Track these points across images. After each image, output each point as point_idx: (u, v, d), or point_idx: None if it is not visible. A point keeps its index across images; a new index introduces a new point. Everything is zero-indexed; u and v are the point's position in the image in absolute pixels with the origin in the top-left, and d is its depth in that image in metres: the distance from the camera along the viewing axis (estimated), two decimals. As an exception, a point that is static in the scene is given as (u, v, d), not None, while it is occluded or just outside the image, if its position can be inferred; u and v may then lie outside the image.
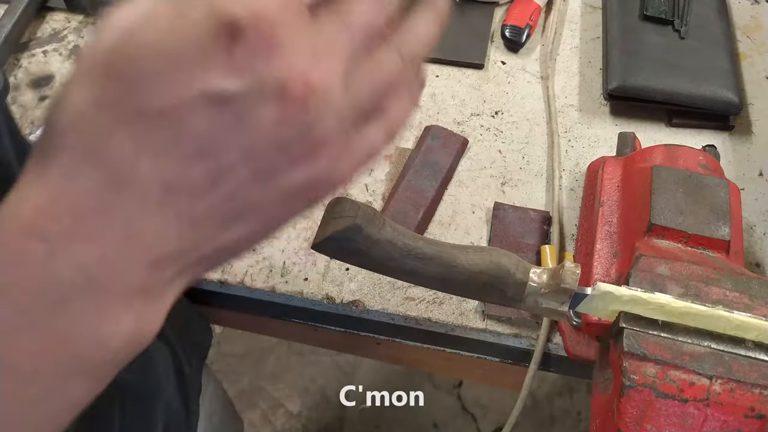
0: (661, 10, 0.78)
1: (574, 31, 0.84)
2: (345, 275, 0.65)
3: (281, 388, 1.60)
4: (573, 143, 0.74)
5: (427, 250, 0.45)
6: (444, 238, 0.67)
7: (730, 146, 0.73)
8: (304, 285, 0.64)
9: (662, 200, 0.55)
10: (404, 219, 0.66)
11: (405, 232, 0.46)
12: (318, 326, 0.67)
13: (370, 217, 0.45)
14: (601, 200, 0.60)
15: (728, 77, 0.73)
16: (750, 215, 0.67)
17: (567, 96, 0.78)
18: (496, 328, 0.61)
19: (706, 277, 0.48)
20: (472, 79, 0.80)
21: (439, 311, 0.62)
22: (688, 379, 0.44)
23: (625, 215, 0.58)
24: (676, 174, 0.56)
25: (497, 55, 0.82)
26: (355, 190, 0.70)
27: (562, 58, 0.81)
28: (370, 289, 0.64)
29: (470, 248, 0.46)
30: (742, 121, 0.75)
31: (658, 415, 0.43)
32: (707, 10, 0.80)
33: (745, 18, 0.84)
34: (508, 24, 0.81)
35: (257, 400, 1.59)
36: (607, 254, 0.57)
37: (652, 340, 0.45)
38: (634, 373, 0.44)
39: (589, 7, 0.86)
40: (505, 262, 0.45)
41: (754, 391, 0.43)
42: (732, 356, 0.44)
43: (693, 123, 0.74)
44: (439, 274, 0.46)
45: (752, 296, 0.47)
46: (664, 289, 0.47)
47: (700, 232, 0.53)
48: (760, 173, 0.71)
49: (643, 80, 0.73)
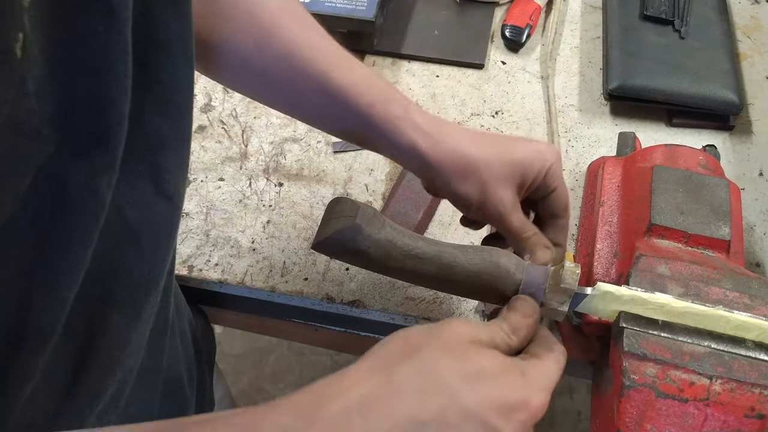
0: (661, 10, 0.78)
1: (574, 31, 0.84)
2: (345, 275, 0.65)
3: (281, 388, 1.60)
4: (573, 143, 0.74)
5: (427, 250, 0.45)
6: (444, 238, 0.67)
7: (730, 146, 0.73)
8: (304, 285, 0.64)
9: (662, 200, 0.55)
10: (404, 219, 0.66)
11: (405, 232, 0.46)
12: (318, 326, 0.67)
13: (370, 217, 0.45)
14: (601, 200, 0.60)
15: (728, 77, 0.73)
16: (750, 215, 0.67)
17: (567, 96, 0.78)
18: (496, 328, 0.61)
19: (706, 277, 0.48)
20: (472, 79, 0.80)
21: (439, 311, 0.62)
22: (688, 378, 0.44)
23: (625, 215, 0.58)
24: (676, 174, 0.56)
25: (497, 55, 0.82)
26: (355, 190, 0.70)
27: (562, 58, 0.81)
28: (370, 289, 0.64)
29: (470, 248, 0.46)
30: (742, 121, 0.75)
31: (658, 415, 0.43)
32: (707, 10, 0.80)
33: (745, 18, 0.84)
34: (508, 24, 0.81)
35: (257, 400, 1.59)
36: (607, 254, 0.57)
37: (652, 340, 0.45)
38: (634, 373, 0.44)
39: (589, 7, 0.86)
40: (504, 262, 0.45)
41: (754, 391, 0.43)
42: (732, 356, 0.44)
43: (693, 123, 0.74)
44: (439, 274, 0.46)
45: (752, 296, 0.47)
46: (664, 289, 0.47)
47: (700, 232, 0.53)
48: (760, 173, 0.71)
49: (643, 80, 0.73)
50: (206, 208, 0.70)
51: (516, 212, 0.49)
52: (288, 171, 0.72)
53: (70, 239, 0.29)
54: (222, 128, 0.76)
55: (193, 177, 0.72)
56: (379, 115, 0.47)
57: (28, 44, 0.24)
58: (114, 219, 0.33)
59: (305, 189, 0.71)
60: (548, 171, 0.49)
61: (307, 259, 0.66)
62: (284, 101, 0.52)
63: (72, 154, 0.28)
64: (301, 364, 1.63)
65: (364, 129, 0.48)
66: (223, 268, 0.66)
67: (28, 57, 0.24)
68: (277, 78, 0.48)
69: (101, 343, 0.35)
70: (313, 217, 0.68)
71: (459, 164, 0.48)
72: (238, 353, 1.64)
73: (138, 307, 0.37)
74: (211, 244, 0.67)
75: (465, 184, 0.48)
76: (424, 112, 0.49)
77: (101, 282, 0.33)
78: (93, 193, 0.30)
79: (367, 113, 0.47)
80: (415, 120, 0.47)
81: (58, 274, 0.29)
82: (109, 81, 0.28)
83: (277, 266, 0.66)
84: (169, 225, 0.38)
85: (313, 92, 0.48)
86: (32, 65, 0.24)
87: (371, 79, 0.48)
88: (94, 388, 0.36)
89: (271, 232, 0.68)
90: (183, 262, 0.66)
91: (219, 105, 0.79)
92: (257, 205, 0.70)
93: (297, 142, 0.75)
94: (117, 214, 0.33)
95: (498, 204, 0.48)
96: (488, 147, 0.48)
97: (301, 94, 0.49)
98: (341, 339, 0.70)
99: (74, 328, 0.32)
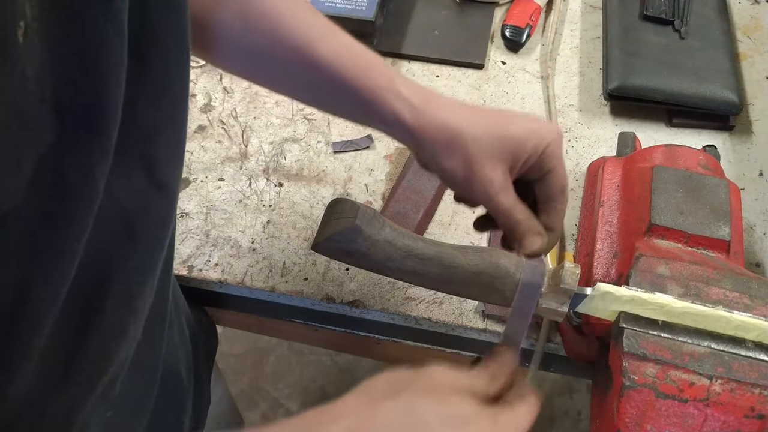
0: (661, 10, 0.78)
1: (574, 31, 0.84)
2: (345, 275, 0.65)
3: (281, 388, 1.60)
4: (573, 143, 0.74)
5: (427, 251, 0.45)
6: (444, 238, 0.67)
7: (730, 146, 0.73)
8: (304, 285, 0.64)
9: (662, 200, 0.55)
10: (404, 219, 0.66)
11: (405, 233, 0.46)
12: (318, 326, 0.67)
13: (370, 217, 0.45)
14: (601, 200, 0.60)
15: (728, 77, 0.73)
16: (750, 215, 0.67)
17: (567, 96, 0.78)
18: (496, 328, 0.61)
19: (706, 277, 0.48)
20: (472, 79, 0.80)
21: (439, 311, 0.62)
22: (688, 379, 0.44)
23: (625, 215, 0.58)
24: (676, 174, 0.56)
25: (497, 55, 0.82)
26: (355, 190, 0.70)
27: (562, 58, 0.81)
28: (370, 289, 0.64)
29: (470, 249, 0.46)
30: (742, 121, 0.75)
31: (658, 415, 0.43)
32: (707, 10, 0.80)
33: (745, 18, 0.84)
34: (508, 24, 0.81)
35: (257, 400, 1.59)
36: (607, 254, 0.57)
37: (652, 340, 0.45)
38: (634, 373, 0.44)
39: (589, 7, 0.86)
40: (504, 263, 0.45)
41: (754, 391, 0.43)
42: (732, 356, 0.44)
43: (693, 123, 0.74)
44: (439, 274, 0.46)
45: (752, 296, 0.47)
46: (664, 289, 0.47)
47: (700, 232, 0.53)
48: (760, 173, 0.71)
49: (643, 80, 0.73)
50: (206, 208, 0.70)
51: (505, 192, 0.47)
52: (288, 171, 0.72)
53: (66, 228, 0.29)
54: (222, 128, 0.76)
55: (193, 177, 0.72)
56: (362, 86, 0.46)
57: (30, 32, 0.24)
58: (108, 207, 0.33)
59: (305, 189, 0.71)
60: (545, 150, 0.46)
61: (307, 259, 0.66)
62: (270, 76, 0.51)
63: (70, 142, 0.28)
64: (301, 364, 1.63)
65: (348, 101, 0.47)
66: (223, 268, 0.66)
67: (29, 45, 0.25)
68: (262, 52, 0.48)
69: (95, 332, 0.35)
70: (313, 217, 0.68)
71: (444, 137, 0.45)
72: (238, 353, 1.64)
73: (132, 296, 0.37)
74: (211, 244, 0.67)
75: (451, 159, 0.46)
76: (412, 83, 0.47)
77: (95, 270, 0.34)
78: (88, 180, 0.30)
79: (350, 84, 0.46)
80: (400, 90, 0.46)
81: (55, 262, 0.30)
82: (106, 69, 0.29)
83: (277, 266, 0.66)
84: (164, 215, 0.39)
85: (296, 64, 0.47)
86: (33, 54, 0.25)
87: (355, 50, 0.47)
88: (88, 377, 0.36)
89: (271, 232, 0.68)
90: (183, 262, 0.66)
91: (219, 105, 0.79)
92: (257, 205, 0.70)
93: (297, 142, 0.75)
94: (111, 203, 0.33)
95: (485, 182, 0.46)
96: (478, 121, 0.46)
97: (285, 68, 0.48)
98: (341, 339, 0.70)
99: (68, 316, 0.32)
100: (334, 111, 0.52)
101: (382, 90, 0.46)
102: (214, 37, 0.48)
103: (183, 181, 0.72)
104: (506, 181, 0.47)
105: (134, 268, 0.37)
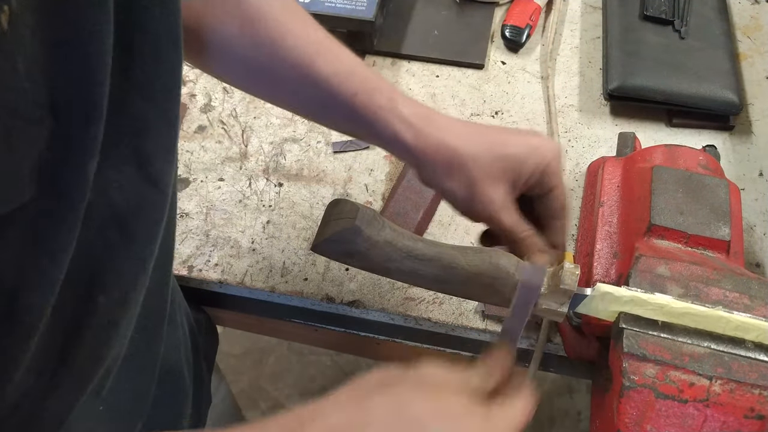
0: (661, 10, 0.78)
1: (574, 31, 0.84)
2: (345, 275, 0.65)
3: (281, 388, 1.60)
4: (573, 143, 0.74)
5: (427, 251, 0.45)
6: (444, 238, 0.67)
7: (730, 146, 0.73)
8: (304, 285, 0.64)
9: (662, 200, 0.55)
10: (404, 219, 0.66)
11: (405, 234, 0.46)
12: (318, 326, 0.67)
13: (370, 218, 0.45)
14: (601, 200, 0.60)
15: (728, 77, 0.73)
16: (750, 215, 0.67)
17: (567, 96, 0.78)
18: (496, 328, 0.61)
19: (706, 277, 0.48)
20: (472, 79, 0.80)
21: (439, 311, 0.62)
22: (687, 379, 0.44)
23: (625, 215, 0.58)
24: (676, 174, 0.56)
25: (497, 55, 0.82)
26: (355, 190, 0.70)
27: (562, 58, 0.81)
28: (369, 289, 0.64)
29: (470, 249, 0.46)
30: (742, 121, 0.75)
31: (658, 415, 0.43)
32: (707, 10, 0.80)
33: (745, 18, 0.84)
34: (508, 24, 0.81)
35: (257, 400, 1.59)
36: (607, 254, 0.57)
37: (651, 341, 0.45)
38: (634, 374, 0.44)
39: (589, 7, 0.86)
40: (504, 263, 0.45)
41: (754, 391, 0.43)
42: (732, 357, 0.44)
43: (693, 123, 0.74)
44: (439, 275, 0.46)
45: (752, 297, 0.47)
46: (664, 289, 0.47)
47: (700, 233, 0.53)
48: (760, 173, 0.71)
49: (643, 80, 0.73)
50: (206, 209, 0.70)
51: (507, 211, 0.47)
52: (288, 171, 0.72)
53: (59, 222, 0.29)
54: (222, 128, 0.76)
55: (193, 177, 0.72)
56: (362, 105, 0.46)
57: (17, 21, 0.24)
58: (99, 202, 0.33)
59: (305, 189, 0.71)
60: (545, 168, 0.46)
61: (306, 260, 0.66)
62: (268, 90, 0.51)
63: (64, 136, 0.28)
64: (301, 364, 1.63)
65: (348, 119, 0.47)
66: (222, 269, 0.66)
67: (18, 35, 0.24)
68: (260, 66, 0.48)
69: (88, 327, 0.35)
70: (313, 218, 0.68)
71: (444, 157, 0.46)
72: (238, 353, 1.64)
73: (124, 291, 0.37)
74: (211, 244, 0.67)
75: (451, 179, 0.46)
76: (413, 102, 0.47)
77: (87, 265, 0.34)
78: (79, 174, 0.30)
79: (350, 103, 0.46)
80: (401, 111, 0.46)
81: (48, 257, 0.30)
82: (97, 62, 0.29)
83: (276, 266, 0.66)
84: (156, 210, 0.38)
85: (295, 81, 0.47)
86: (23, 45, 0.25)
87: (356, 68, 0.47)
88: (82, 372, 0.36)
89: (271, 232, 0.68)
90: (183, 262, 0.66)
91: (219, 105, 0.79)
92: (257, 205, 0.70)
93: (297, 142, 0.75)
94: (102, 198, 0.33)
95: (486, 202, 0.46)
96: (477, 140, 0.46)
97: (284, 83, 0.48)
98: (341, 339, 0.70)
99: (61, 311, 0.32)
100: (332, 127, 0.52)
101: (383, 110, 0.46)
102: (212, 48, 0.48)
103: (183, 181, 0.72)
104: (507, 200, 0.47)
105: (126, 262, 0.37)
